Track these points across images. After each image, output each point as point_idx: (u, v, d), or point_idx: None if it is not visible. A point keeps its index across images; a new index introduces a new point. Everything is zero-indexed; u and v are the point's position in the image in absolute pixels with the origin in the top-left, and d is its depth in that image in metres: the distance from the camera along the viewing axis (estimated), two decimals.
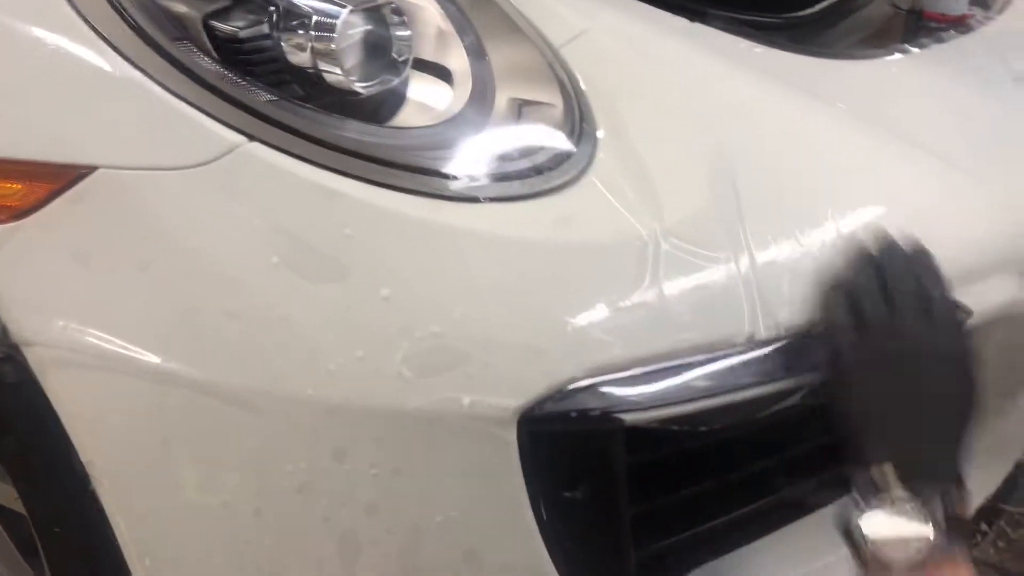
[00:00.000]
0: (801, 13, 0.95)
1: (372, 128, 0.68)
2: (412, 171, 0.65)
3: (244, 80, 0.66)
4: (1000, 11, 1.09)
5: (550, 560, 0.67)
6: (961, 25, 1.01)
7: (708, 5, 0.86)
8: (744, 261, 0.66)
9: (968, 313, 0.74)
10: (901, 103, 0.86)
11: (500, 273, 0.63)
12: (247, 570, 0.70)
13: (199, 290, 0.63)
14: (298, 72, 0.69)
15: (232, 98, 0.64)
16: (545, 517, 0.65)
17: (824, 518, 0.83)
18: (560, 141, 0.69)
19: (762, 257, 0.67)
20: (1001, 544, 1.81)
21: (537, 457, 0.63)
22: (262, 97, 0.65)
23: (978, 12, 1.09)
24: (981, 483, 0.92)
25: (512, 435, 0.62)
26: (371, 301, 0.61)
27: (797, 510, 0.82)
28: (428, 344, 0.61)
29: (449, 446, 0.63)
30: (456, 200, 0.65)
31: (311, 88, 0.70)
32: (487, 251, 0.63)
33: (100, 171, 0.64)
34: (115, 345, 0.65)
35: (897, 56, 0.90)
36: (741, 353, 0.65)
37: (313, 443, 0.64)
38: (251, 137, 0.63)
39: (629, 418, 0.63)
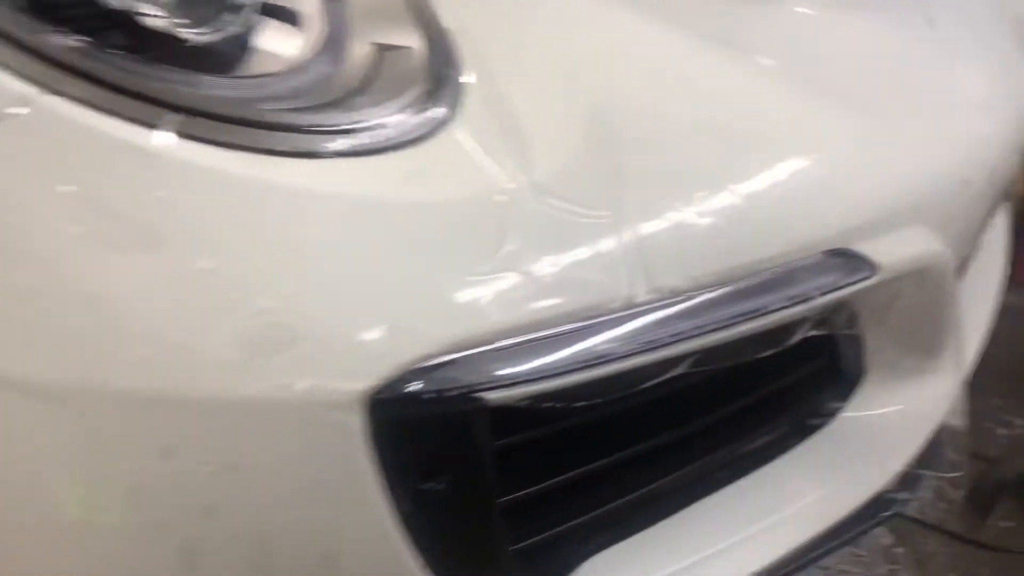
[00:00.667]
0: None
1: (201, 78, 0.59)
2: (243, 125, 0.57)
3: (44, 25, 0.57)
4: None
5: (414, 558, 0.60)
6: None
7: None
8: (623, 220, 0.59)
9: (875, 267, 0.69)
10: (811, 46, 0.80)
11: (341, 238, 0.55)
12: None
13: None
14: (117, 17, 0.61)
15: (25, 45, 0.55)
16: (405, 511, 0.58)
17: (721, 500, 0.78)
18: (420, 88, 0.62)
19: (644, 216, 0.60)
20: (942, 504, 1.80)
21: (390, 445, 0.56)
22: (63, 44, 0.56)
23: None
24: (902, 447, 0.87)
25: (358, 422, 0.54)
26: (190, 274, 0.53)
27: (695, 492, 0.76)
28: (256, 322, 0.53)
29: (289, 437, 0.55)
30: (293, 156, 0.56)
31: (136, 37, 0.61)
32: (327, 213, 0.55)
33: None
34: None
35: None
36: (618, 320, 0.58)
37: (136, 440, 0.56)
38: (48, 89, 0.55)
39: (493, 396, 0.56)
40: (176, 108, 0.56)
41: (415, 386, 0.54)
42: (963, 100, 0.82)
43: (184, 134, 0.55)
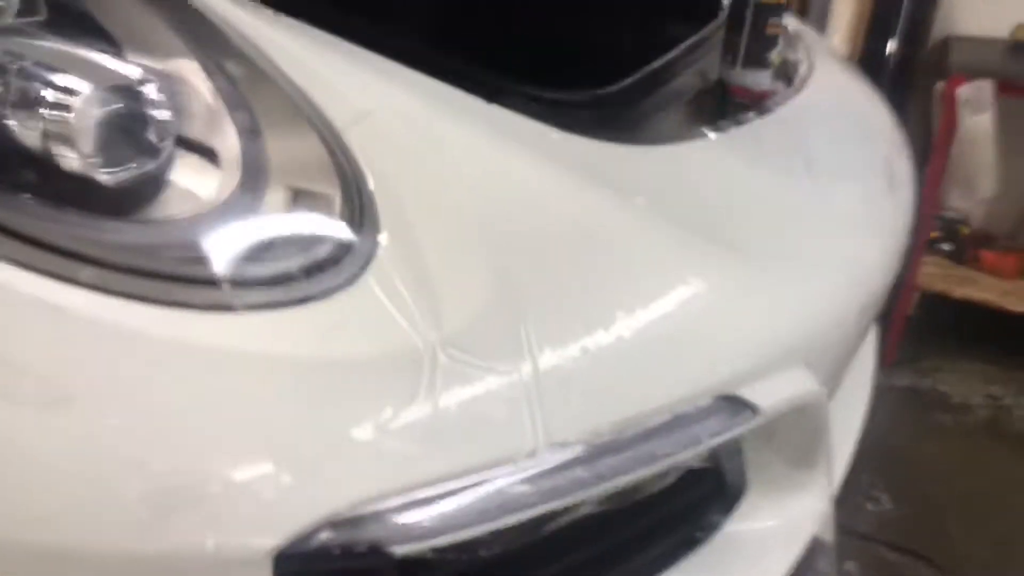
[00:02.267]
0: (606, 91, 0.93)
1: (113, 224, 0.60)
2: (156, 278, 0.58)
3: None
4: (800, 88, 1.12)
5: None
6: (761, 105, 1.02)
7: (507, 80, 0.82)
8: (527, 371, 0.62)
9: (756, 410, 0.74)
10: (697, 193, 0.85)
11: (251, 396, 0.56)
12: None
13: None
14: (30, 157, 0.61)
15: None
16: None
17: None
18: (336, 238, 0.64)
19: (546, 366, 0.63)
20: None
21: None
22: None
23: (780, 88, 1.12)
24: (779, 560, 0.93)
25: None
26: (99, 432, 0.53)
27: None
28: (165, 480, 0.53)
29: None
30: (206, 310, 0.58)
31: (46, 176, 0.61)
32: (237, 370, 0.56)
33: None
34: None
35: (696, 142, 0.89)
36: (522, 471, 0.61)
37: None
38: None
39: (401, 550, 0.57)
40: (89, 260, 0.56)
41: (323, 541, 0.56)
42: (837, 245, 0.89)
43: (96, 287, 0.55)
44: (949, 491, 2.13)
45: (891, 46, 2.59)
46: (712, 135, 0.89)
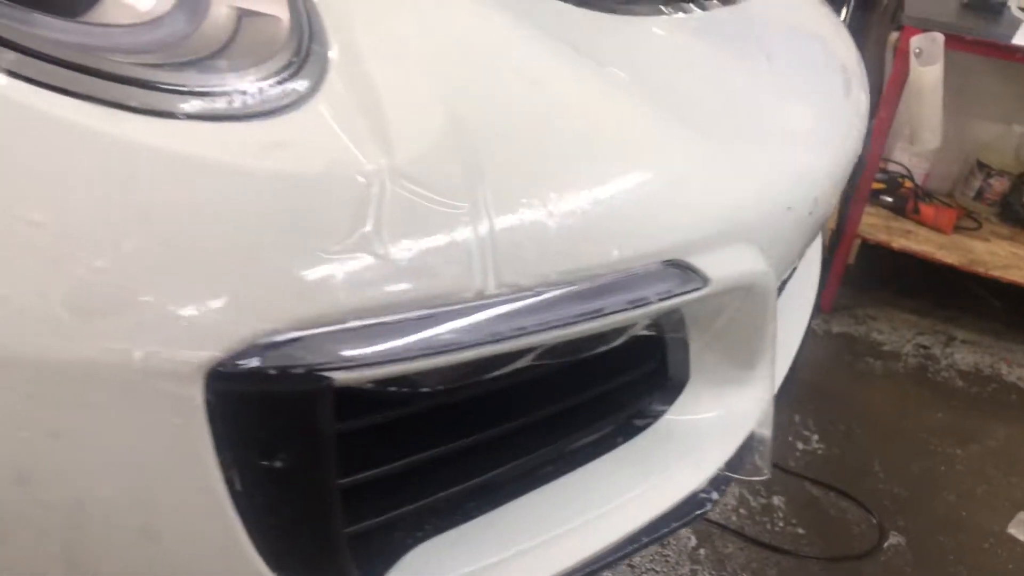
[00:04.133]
0: None
1: (46, 19, 0.56)
2: (91, 74, 0.54)
3: None
4: None
5: (247, 536, 0.58)
6: None
7: None
8: (479, 213, 0.60)
9: (706, 280, 0.73)
10: (664, 66, 0.84)
11: (189, 200, 0.53)
12: None
13: None
14: None
15: None
16: (240, 488, 0.56)
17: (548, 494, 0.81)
18: (282, 59, 0.60)
19: (498, 211, 0.61)
20: (743, 511, 1.93)
21: (230, 420, 0.54)
22: None
23: None
24: (717, 451, 0.93)
25: (198, 395, 0.53)
26: (19, 226, 0.50)
27: (523, 485, 0.78)
28: (91, 281, 0.50)
29: (120, 405, 0.52)
30: (146, 113, 0.54)
31: None
32: (176, 174, 0.53)
33: None
34: None
35: (662, 18, 0.87)
36: (468, 310, 0.59)
37: None
38: None
39: (339, 377, 0.55)
40: (11, 46, 0.52)
41: (259, 361, 0.53)
42: (793, 134, 0.89)
43: (19, 75, 0.51)
44: (875, 433, 2.20)
45: None
46: (677, 14, 0.87)
